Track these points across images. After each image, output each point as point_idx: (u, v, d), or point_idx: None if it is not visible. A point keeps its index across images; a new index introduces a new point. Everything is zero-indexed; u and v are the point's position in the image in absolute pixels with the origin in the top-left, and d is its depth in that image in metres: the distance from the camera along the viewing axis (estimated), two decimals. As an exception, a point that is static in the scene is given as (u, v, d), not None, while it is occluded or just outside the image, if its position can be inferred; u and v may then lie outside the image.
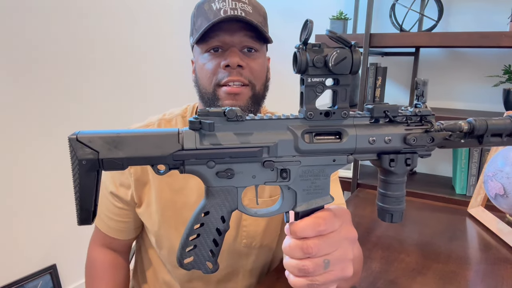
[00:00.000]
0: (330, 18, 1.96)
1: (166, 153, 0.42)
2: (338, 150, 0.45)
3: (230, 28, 0.70)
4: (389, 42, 1.76)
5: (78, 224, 0.43)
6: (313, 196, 0.46)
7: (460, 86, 1.93)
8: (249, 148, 0.43)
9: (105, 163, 0.41)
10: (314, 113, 0.44)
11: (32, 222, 1.56)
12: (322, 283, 0.44)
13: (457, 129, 0.46)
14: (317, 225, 0.44)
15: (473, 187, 1.71)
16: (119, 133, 0.41)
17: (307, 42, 0.42)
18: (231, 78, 0.70)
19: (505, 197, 0.92)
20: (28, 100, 1.49)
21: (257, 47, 0.74)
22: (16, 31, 1.42)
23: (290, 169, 0.45)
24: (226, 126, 0.43)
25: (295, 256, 0.44)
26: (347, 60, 0.42)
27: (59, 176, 1.63)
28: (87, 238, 1.74)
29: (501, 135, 0.47)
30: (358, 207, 1.22)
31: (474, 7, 1.83)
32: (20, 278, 1.53)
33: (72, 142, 0.40)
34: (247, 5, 0.72)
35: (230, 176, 0.44)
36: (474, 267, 0.86)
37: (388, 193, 0.48)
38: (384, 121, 0.46)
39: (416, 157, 0.47)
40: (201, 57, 0.74)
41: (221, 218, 0.46)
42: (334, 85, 0.44)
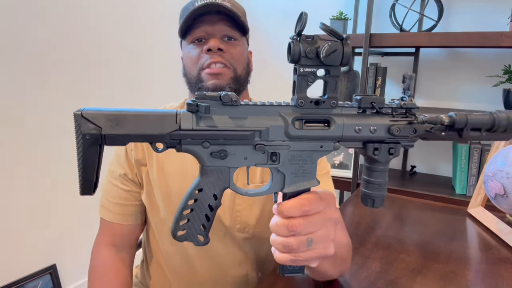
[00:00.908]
0: (330, 18, 1.96)
1: (164, 132, 0.44)
2: (326, 137, 0.48)
3: (211, 19, 0.78)
4: (389, 42, 1.76)
5: (80, 194, 0.46)
6: (301, 179, 0.49)
7: (460, 86, 1.93)
8: (242, 131, 0.46)
9: (107, 139, 0.44)
10: (305, 101, 0.47)
11: (32, 222, 1.56)
12: (304, 260, 0.48)
13: (439, 122, 0.48)
14: (302, 206, 0.47)
15: (473, 187, 1.71)
16: (121, 111, 0.44)
17: (301, 33, 0.44)
18: (213, 60, 0.77)
19: (505, 197, 0.92)
20: (28, 99, 1.49)
21: (237, 36, 0.81)
22: (17, 31, 1.42)
23: (280, 152, 0.48)
24: (222, 110, 0.46)
25: (281, 234, 0.47)
26: (338, 52, 0.44)
27: (59, 176, 1.63)
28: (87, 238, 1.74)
29: (480, 130, 0.49)
30: (358, 207, 1.22)
31: (474, 7, 1.83)
32: (20, 278, 1.53)
33: (77, 117, 0.43)
34: (226, 2, 0.79)
35: (223, 157, 0.47)
36: (474, 267, 0.86)
37: (372, 180, 0.50)
38: (371, 112, 0.48)
39: (399, 147, 0.49)
40: (187, 47, 0.82)
41: (213, 196, 0.49)
42: (325, 76, 0.46)
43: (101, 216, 0.89)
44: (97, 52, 1.73)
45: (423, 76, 2.00)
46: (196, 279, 0.89)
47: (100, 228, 0.91)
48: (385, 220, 1.11)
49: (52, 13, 1.53)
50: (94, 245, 0.91)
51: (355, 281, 0.78)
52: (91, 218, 1.78)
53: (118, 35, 1.82)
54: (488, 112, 0.49)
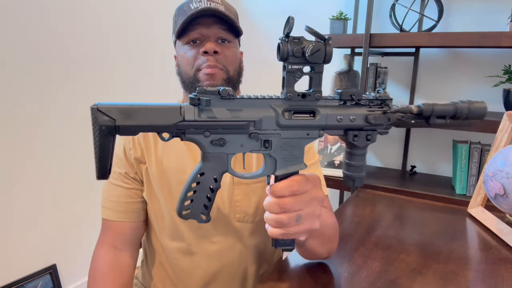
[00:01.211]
0: (330, 18, 1.96)
1: (170, 123, 0.50)
2: (312, 125, 0.54)
3: (206, 22, 0.82)
4: (389, 42, 1.76)
5: (97, 178, 0.52)
6: (290, 163, 0.56)
7: (460, 86, 1.93)
8: (239, 122, 0.52)
9: (121, 129, 0.49)
10: (293, 94, 0.53)
11: (32, 222, 1.56)
12: (294, 233, 0.55)
13: (408, 111, 0.55)
14: (291, 186, 0.54)
15: (473, 187, 1.71)
16: (132, 105, 0.50)
17: (289, 35, 0.51)
18: (209, 63, 0.81)
19: (505, 197, 0.92)
20: (29, 99, 1.49)
21: (230, 39, 0.85)
22: (18, 31, 1.42)
23: (271, 140, 0.54)
24: (220, 103, 0.52)
25: (273, 211, 0.54)
26: (321, 52, 0.50)
27: (59, 176, 1.63)
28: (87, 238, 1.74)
29: (445, 117, 0.55)
30: (358, 207, 1.22)
31: (474, 7, 1.83)
32: (20, 278, 1.53)
33: (94, 111, 0.49)
34: (220, 4, 0.83)
35: (222, 144, 0.53)
36: (474, 267, 0.86)
37: (352, 163, 0.57)
38: (351, 103, 0.55)
39: (375, 134, 0.56)
40: (182, 48, 0.85)
41: (214, 179, 0.55)
42: (310, 72, 0.53)
43: (103, 217, 0.90)
44: (98, 52, 1.73)
45: (423, 76, 2.01)
46: (197, 275, 0.91)
47: (102, 230, 0.92)
48: (385, 220, 1.11)
49: (52, 13, 1.53)
50: (95, 247, 0.92)
51: (355, 281, 0.78)
52: (91, 218, 1.78)
53: (118, 35, 1.82)
54: (452, 102, 0.55)
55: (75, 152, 1.68)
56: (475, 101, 0.56)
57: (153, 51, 2.01)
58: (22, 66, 1.45)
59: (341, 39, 1.89)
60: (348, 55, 2.01)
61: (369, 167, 2.20)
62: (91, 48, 1.70)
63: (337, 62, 2.21)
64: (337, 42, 1.90)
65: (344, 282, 0.79)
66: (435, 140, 2.02)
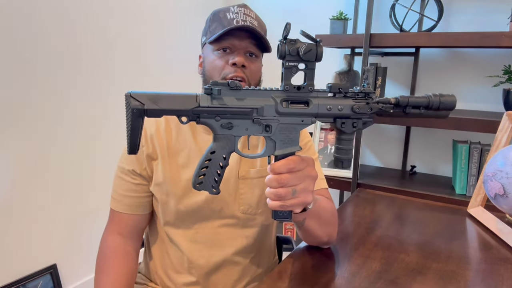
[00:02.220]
0: (330, 18, 1.96)
1: (188, 108, 0.60)
2: (306, 113, 0.64)
3: (240, 35, 0.88)
4: (389, 42, 1.76)
5: (128, 153, 0.62)
6: (287, 145, 0.65)
7: (460, 86, 1.93)
8: (244, 108, 0.62)
9: (148, 112, 0.59)
10: (290, 87, 0.63)
11: (32, 222, 1.56)
12: (290, 205, 0.64)
13: (387, 102, 0.64)
14: (288, 165, 0.63)
15: (473, 187, 1.71)
16: (157, 93, 0.60)
17: (287, 37, 0.60)
18: (236, 74, 0.87)
19: (505, 197, 0.92)
20: (30, 99, 1.49)
21: (257, 54, 0.92)
22: (18, 31, 1.42)
23: (271, 125, 0.64)
24: (229, 93, 0.61)
25: (272, 186, 0.63)
26: (313, 51, 0.60)
27: (59, 176, 1.64)
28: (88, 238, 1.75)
29: (419, 107, 0.64)
30: (358, 207, 1.22)
31: (474, 7, 1.83)
32: (20, 278, 1.53)
33: (127, 97, 0.59)
34: (254, 20, 0.90)
35: (230, 128, 0.63)
36: (474, 267, 0.86)
37: (341, 147, 0.66)
38: (339, 96, 0.64)
39: (360, 121, 0.65)
40: (212, 54, 0.90)
41: (223, 157, 0.64)
42: (304, 69, 0.62)
43: (111, 207, 0.97)
44: (109, 51, 1.73)
45: (423, 76, 2.01)
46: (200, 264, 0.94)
47: (110, 218, 0.98)
48: (385, 220, 1.11)
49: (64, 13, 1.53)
50: (103, 234, 0.97)
51: (355, 281, 0.79)
52: (91, 218, 1.78)
53: (129, 35, 1.82)
54: (426, 95, 0.65)
55: (76, 153, 1.69)
56: (445, 94, 0.65)
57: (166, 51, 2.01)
58: (38, 65, 1.45)
59: (341, 39, 1.89)
60: (348, 55, 2.01)
61: (369, 167, 2.20)
62: (102, 47, 1.70)
63: (337, 62, 2.21)
64: (337, 42, 1.90)
65: (344, 282, 0.79)
66: (435, 140, 2.03)
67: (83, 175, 1.73)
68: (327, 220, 0.86)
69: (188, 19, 2.19)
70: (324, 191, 0.97)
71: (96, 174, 1.77)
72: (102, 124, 1.75)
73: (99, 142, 1.76)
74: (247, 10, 0.91)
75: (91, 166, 1.75)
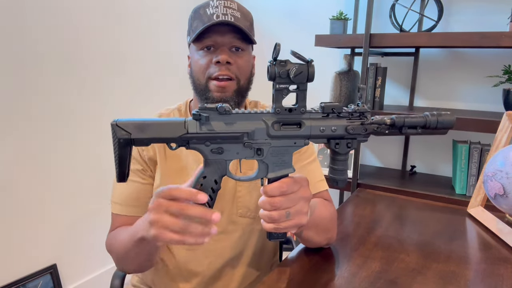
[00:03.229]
0: (330, 18, 1.96)
1: (176, 135, 0.59)
2: (298, 135, 0.62)
3: (221, 30, 0.83)
4: (389, 42, 1.76)
5: (117, 181, 0.60)
6: (280, 167, 0.64)
7: (460, 86, 1.93)
8: (234, 133, 0.60)
9: (135, 141, 0.58)
10: (281, 109, 0.61)
11: (33, 222, 1.56)
12: (284, 228, 0.63)
13: (383, 123, 0.63)
14: (281, 188, 0.62)
15: (473, 187, 1.71)
16: (144, 120, 0.59)
17: (276, 59, 0.58)
18: (221, 72, 0.83)
19: (505, 197, 0.92)
20: (30, 99, 1.49)
21: (244, 47, 0.87)
22: (19, 31, 1.42)
23: (263, 148, 0.62)
24: (218, 117, 0.60)
25: (266, 208, 0.62)
26: (304, 73, 0.58)
27: (59, 176, 1.64)
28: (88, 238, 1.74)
29: (416, 127, 0.63)
30: (358, 207, 1.22)
31: (474, 7, 1.83)
32: (20, 278, 1.53)
33: (113, 126, 0.58)
34: (236, 11, 0.85)
35: (220, 152, 0.61)
36: (474, 267, 0.86)
37: (335, 167, 0.66)
38: (332, 116, 0.63)
39: (355, 141, 0.64)
40: (196, 53, 0.87)
41: (214, 181, 0.63)
42: (296, 90, 0.61)
43: (116, 212, 0.91)
44: (105, 53, 1.73)
45: (423, 76, 2.01)
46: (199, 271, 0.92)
47: (113, 224, 0.92)
48: (385, 220, 1.11)
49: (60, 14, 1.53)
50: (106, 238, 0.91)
51: (355, 281, 0.79)
52: (91, 219, 1.78)
53: (127, 35, 1.82)
54: (423, 115, 0.63)
55: (77, 153, 1.69)
56: (443, 113, 0.63)
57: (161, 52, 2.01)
58: (30, 67, 1.45)
59: (341, 39, 1.89)
60: (348, 55, 2.01)
61: (369, 167, 2.20)
62: (98, 49, 1.70)
63: (337, 62, 2.21)
64: (337, 42, 1.90)
65: (344, 282, 0.79)
66: (435, 140, 2.02)
67: (83, 175, 1.73)
68: (325, 227, 0.86)
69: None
70: (324, 193, 0.96)
71: (97, 174, 1.77)
72: (103, 125, 1.75)
73: (99, 142, 1.76)
74: (227, 2, 0.86)
75: (91, 166, 1.75)
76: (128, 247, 0.76)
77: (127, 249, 0.77)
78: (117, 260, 0.86)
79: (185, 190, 0.60)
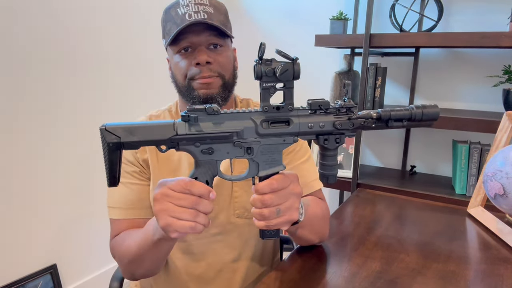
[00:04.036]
0: (330, 18, 1.96)
1: (165, 137, 0.59)
2: (287, 133, 0.63)
3: (196, 30, 0.81)
4: (389, 42, 1.76)
5: (108, 186, 0.61)
6: (270, 165, 0.64)
7: (460, 86, 1.93)
8: (223, 133, 0.61)
9: (125, 145, 0.59)
10: (269, 107, 0.61)
11: (33, 222, 1.56)
12: (275, 224, 0.64)
13: (369, 117, 0.63)
14: (271, 185, 0.62)
15: (473, 187, 1.71)
16: (133, 124, 0.59)
17: (262, 58, 0.58)
18: (203, 74, 0.82)
19: (505, 197, 0.92)
20: (30, 100, 1.49)
21: (221, 43, 0.84)
22: (19, 31, 1.43)
23: (253, 147, 0.63)
24: (207, 118, 0.60)
25: (257, 206, 0.63)
26: (289, 71, 0.58)
27: (60, 176, 1.64)
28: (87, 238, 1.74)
29: (402, 120, 0.63)
30: (358, 207, 1.22)
31: (474, 7, 1.83)
32: (20, 278, 1.53)
33: (102, 131, 0.58)
34: (208, 6, 0.82)
35: (211, 153, 0.62)
36: (474, 267, 0.86)
37: (325, 163, 0.65)
38: (320, 112, 0.63)
39: (343, 137, 0.64)
40: (174, 57, 0.85)
41: (206, 181, 0.63)
42: (282, 88, 0.61)
43: (116, 217, 0.88)
44: (100, 53, 1.73)
45: (423, 76, 2.01)
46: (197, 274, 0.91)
47: (114, 229, 0.89)
48: (385, 220, 1.11)
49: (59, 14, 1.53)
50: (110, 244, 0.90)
51: (355, 281, 0.79)
52: (91, 219, 1.78)
53: (121, 36, 1.82)
54: (408, 107, 0.63)
55: (76, 152, 1.69)
56: (428, 105, 0.63)
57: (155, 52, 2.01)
58: (23, 66, 1.45)
59: (341, 39, 1.89)
60: (348, 55, 2.01)
61: (369, 167, 2.20)
62: (92, 49, 1.70)
63: (337, 62, 2.21)
64: (337, 42, 1.90)
65: (344, 282, 0.79)
66: (435, 140, 2.02)
67: (83, 175, 1.73)
68: (319, 226, 0.87)
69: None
70: (318, 192, 0.95)
71: (97, 174, 1.77)
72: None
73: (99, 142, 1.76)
74: None
75: (91, 166, 1.75)
76: (144, 249, 0.75)
77: (143, 251, 0.76)
78: (128, 264, 0.82)
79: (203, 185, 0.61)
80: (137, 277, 0.87)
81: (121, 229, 0.88)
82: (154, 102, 2.04)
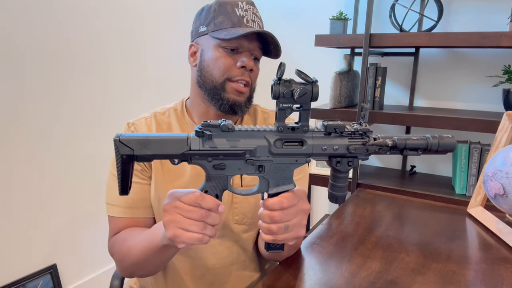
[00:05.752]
0: (330, 18, 1.96)
1: (179, 152, 0.60)
2: (299, 153, 0.63)
3: (250, 36, 0.83)
4: (389, 42, 1.76)
5: (119, 194, 0.62)
6: (281, 183, 0.65)
7: (460, 86, 1.93)
8: (236, 150, 0.61)
9: (138, 157, 0.59)
10: (284, 127, 0.62)
11: (32, 222, 1.56)
12: (282, 240, 0.65)
13: (384, 145, 0.64)
14: (281, 203, 0.63)
15: (473, 187, 1.71)
16: (147, 136, 0.60)
17: (281, 78, 0.58)
18: (243, 77, 0.84)
19: (505, 197, 0.92)
20: (29, 101, 1.49)
21: (260, 57, 0.89)
22: (19, 31, 1.43)
23: (265, 165, 0.63)
24: (221, 134, 0.61)
25: (265, 221, 0.64)
26: (308, 94, 0.59)
27: (59, 176, 1.64)
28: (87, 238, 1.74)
29: (417, 150, 0.64)
30: (358, 207, 1.22)
31: (474, 7, 1.83)
32: (20, 278, 1.53)
33: (116, 142, 0.59)
34: (260, 21, 0.87)
35: (222, 168, 0.63)
36: (474, 267, 0.86)
37: (335, 184, 0.66)
38: (335, 134, 0.63)
39: (356, 160, 0.64)
40: (215, 50, 0.84)
41: (216, 195, 0.64)
42: (299, 109, 0.61)
43: (116, 215, 0.87)
44: (102, 52, 1.73)
45: (423, 76, 2.01)
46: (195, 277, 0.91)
47: (113, 227, 0.89)
48: (385, 220, 1.11)
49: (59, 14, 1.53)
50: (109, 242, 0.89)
51: (355, 281, 0.79)
52: (91, 219, 1.78)
53: (124, 35, 1.82)
54: (424, 137, 0.64)
55: (76, 152, 1.69)
56: (445, 136, 0.63)
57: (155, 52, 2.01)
58: (26, 67, 1.45)
59: (341, 39, 1.89)
60: (348, 55, 2.01)
61: (369, 167, 2.20)
62: (94, 49, 1.70)
63: (337, 62, 2.21)
64: (337, 42, 1.90)
65: (344, 282, 0.79)
66: (435, 140, 2.02)
67: (83, 175, 1.73)
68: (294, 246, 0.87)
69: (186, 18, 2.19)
70: None
71: (97, 174, 1.77)
72: (101, 124, 1.75)
73: (99, 142, 1.76)
74: (255, 9, 0.87)
75: (91, 166, 1.75)
76: (149, 254, 0.75)
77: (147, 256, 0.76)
78: (130, 266, 0.82)
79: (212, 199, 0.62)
80: (135, 276, 0.89)
81: (121, 227, 0.87)
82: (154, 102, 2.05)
